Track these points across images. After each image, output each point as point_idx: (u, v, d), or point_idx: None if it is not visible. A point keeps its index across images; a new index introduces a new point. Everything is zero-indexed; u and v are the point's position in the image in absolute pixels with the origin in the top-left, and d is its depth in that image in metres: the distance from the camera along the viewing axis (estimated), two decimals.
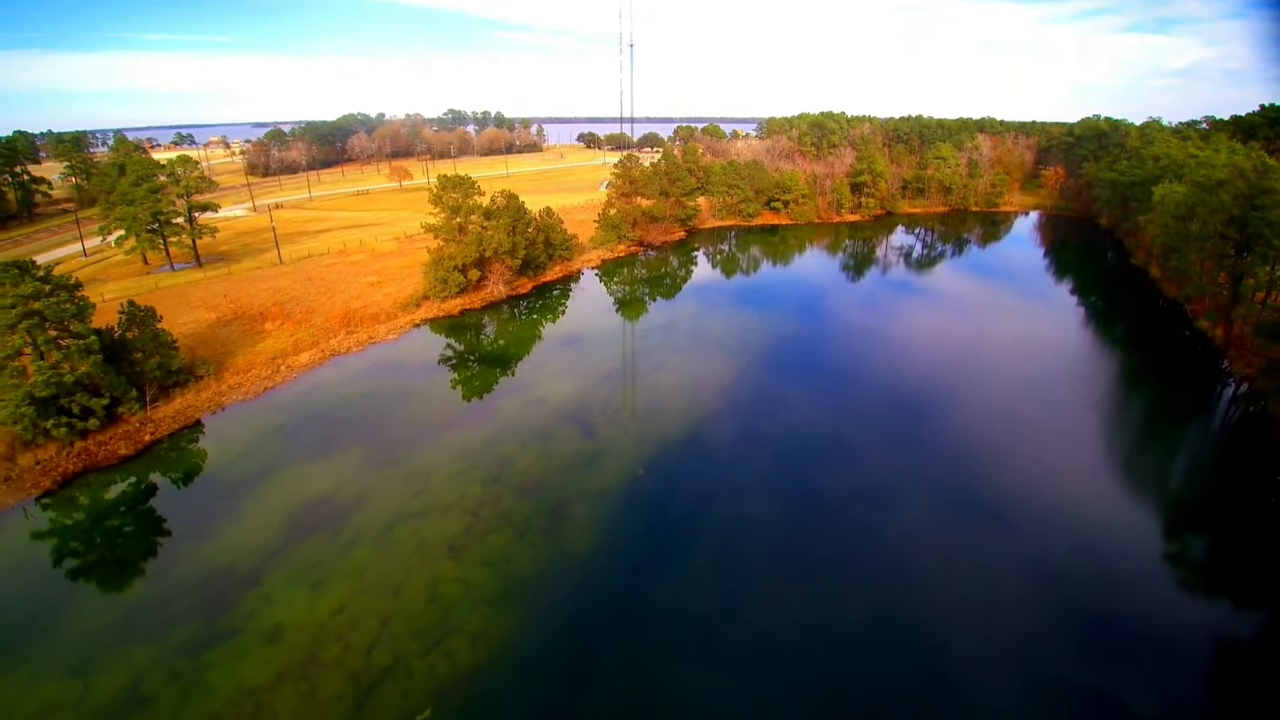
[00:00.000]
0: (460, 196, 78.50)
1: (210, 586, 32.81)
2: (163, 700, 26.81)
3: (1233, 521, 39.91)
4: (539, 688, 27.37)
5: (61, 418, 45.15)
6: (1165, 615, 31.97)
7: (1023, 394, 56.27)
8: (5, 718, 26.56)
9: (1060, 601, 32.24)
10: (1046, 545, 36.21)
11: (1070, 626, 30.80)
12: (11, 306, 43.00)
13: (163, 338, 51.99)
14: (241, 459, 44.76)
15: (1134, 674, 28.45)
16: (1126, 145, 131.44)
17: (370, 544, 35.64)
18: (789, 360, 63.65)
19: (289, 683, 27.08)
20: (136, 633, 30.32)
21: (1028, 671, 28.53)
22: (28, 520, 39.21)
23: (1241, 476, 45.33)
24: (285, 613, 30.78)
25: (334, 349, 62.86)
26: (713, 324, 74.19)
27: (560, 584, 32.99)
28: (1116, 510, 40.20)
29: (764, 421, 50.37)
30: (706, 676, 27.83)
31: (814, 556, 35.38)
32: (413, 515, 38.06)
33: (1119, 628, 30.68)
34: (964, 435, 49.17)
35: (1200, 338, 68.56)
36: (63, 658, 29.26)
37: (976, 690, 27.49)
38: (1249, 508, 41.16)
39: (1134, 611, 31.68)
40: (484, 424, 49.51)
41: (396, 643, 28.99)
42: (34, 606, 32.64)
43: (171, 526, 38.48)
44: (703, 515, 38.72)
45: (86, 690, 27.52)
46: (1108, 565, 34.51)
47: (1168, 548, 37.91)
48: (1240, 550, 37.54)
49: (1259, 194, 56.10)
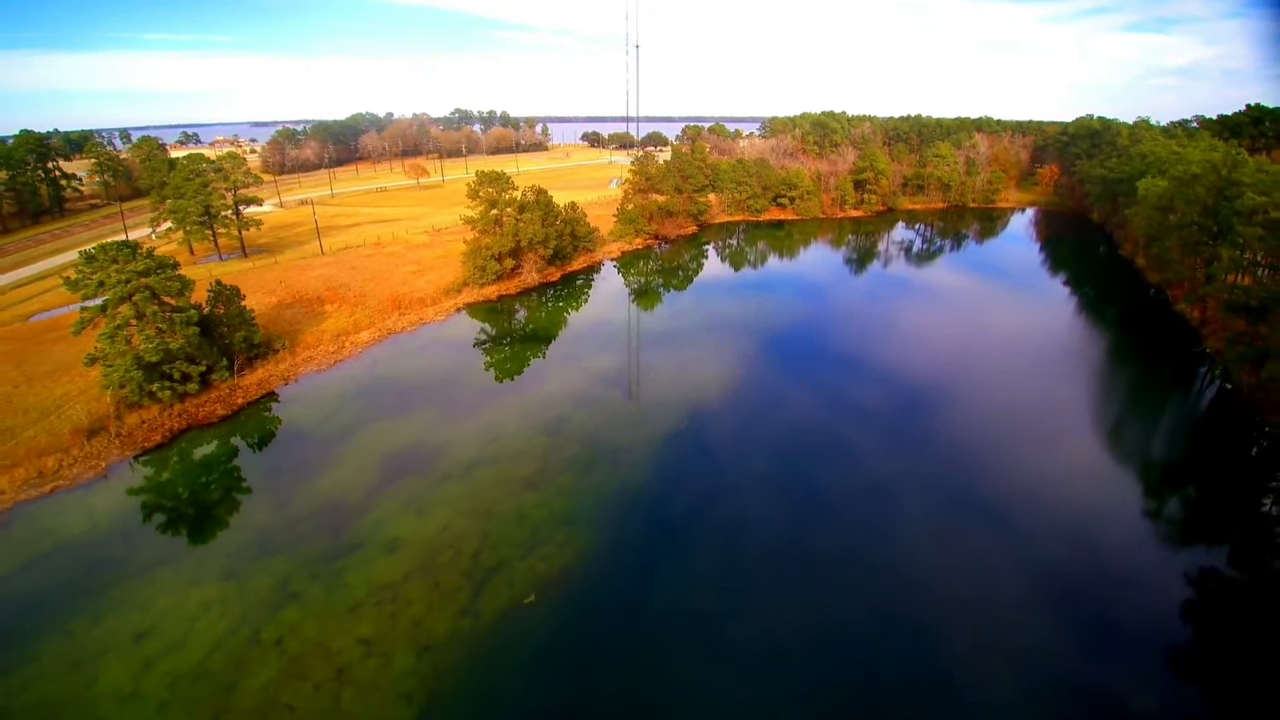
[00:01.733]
0: (496, 191, 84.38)
1: (328, 514, 38.73)
2: (310, 595, 32.70)
3: (1206, 484, 45.93)
4: (615, 584, 33.37)
5: (164, 382, 50.97)
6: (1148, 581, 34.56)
7: (1015, 370, 62.43)
8: (176, 611, 32.33)
9: (1041, 561, 37.52)
10: (1033, 510, 42.28)
11: (1052, 596, 33.21)
12: (126, 281, 48.84)
13: (245, 314, 57.87)
14: (329, 418, 50.67)
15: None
16: (1117, 144, 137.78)
17: (458, 481, 41.62)
18: (800, 337, 69.83)
19: (415, 578, 33.04)
20: (272, 548, 36.21)
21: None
22: (142, 470, 45.03)
23: (1211, 440, 51.49)
24: (399, 530, 36.74)
25: (390, 328, 68.77)
26: (728, 308, 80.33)
27: (624, 510, 39.02)
28: (1099, 476, 45.60)
29: (779, 379, 56.54)
30: (742, 579, 33.87)
31: (817, 477, 41.46)
32: (490, 460, 44.04)
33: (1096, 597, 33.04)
34: (958, 398, 55.29)
35: (1180, 320, 74.73)
36: (214, 566, 35.15)
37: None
38: (1220, 469, 47.28)
39: (1108, 572, 36.96)
40: (538, 390, 55.50)
41: (497, 550, 34.98)
42: (175, 532, 38.60)
43: (281, 471, 44.31)
44: (734, 454, 44.80)
45: (241, 590, 33.36)
46: (1081, 527, 40.02)
47: (1146, 505, 42.41)
48: (1213, 509, 43.65)
49: (1228, 186, 62.22)
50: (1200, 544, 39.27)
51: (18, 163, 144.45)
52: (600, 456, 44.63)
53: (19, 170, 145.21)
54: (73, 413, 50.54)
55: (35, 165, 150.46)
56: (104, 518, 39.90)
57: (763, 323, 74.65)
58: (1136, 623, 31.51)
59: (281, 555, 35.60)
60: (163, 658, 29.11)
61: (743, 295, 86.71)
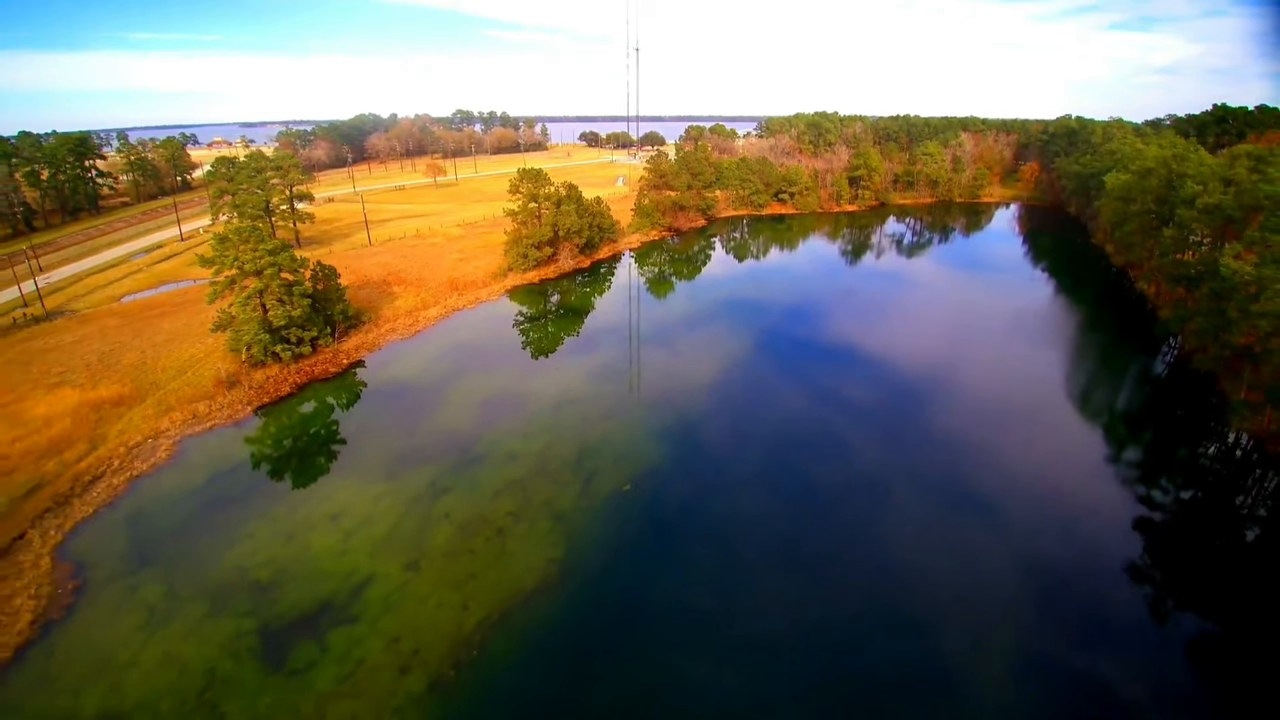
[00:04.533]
0: (534, 186, 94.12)
1: (451, 438, 48.54)
2: (458, 487, 42.50)
3: (1150, 429, 56.73)
4: (683, 480, 43.49)
5: (284, 345, 60.54)
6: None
7: (993, 335, 73.20)
8: (356, 501, 41.75)
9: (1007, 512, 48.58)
10: (1006, 467, 52.81)
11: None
12: (259, 258, 58.32)
13: (341, 290, 67.43)
14: (425, 374, 60.43)
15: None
16: (1092, 141, 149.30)
17: (549, 416, 51.62)
18: (806, 315, 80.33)
19: (535, 477, 43.02)
20: (416, 460, 45.93)
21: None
22: (283, 412, 54.57)
23: (1161, 394, 62.39)
24: (512, 448, 46.70)
25: (453, 306, 78.48)
26: (740, 288, 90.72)
27: (690, 428, 49.32)
28: (1067, 428, 56.00)
29: (782, 343, 66.97)
30: (767, 506, 44.20)
31: (820, 427, 51.84)
32: (570, 402, 54.07)
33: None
34: (943, 364, 65.92)
35: (1140, 295, 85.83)
36: (375, 472, 44.75)
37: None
38: (1161, 413, 58.07)
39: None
40: (595, 352, 65.58)
41: (594, 459, 45.07)
42: (330, 454, 48.29)
43: (401, 412, 53.88)
44: (753, 383, 55.22)
45: (402, 486, 43.03)
46: (1044, 474, 50.84)
47: (1109, 452, 52.24)
48: (1155, 452, 54.38)
49: (1176, 177, 73.03)
50: (1139, 482, 50.07)
51: (59, 161, 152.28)
52: (661, 397, 54.88)
53: (60, 168, 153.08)
54: (204, 371, 60.03)
55: (74, 164, 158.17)
56: (264, 445, 49.61)
57: (773, 296, 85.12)
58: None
59: (425, 465, 45.35)
60: (358, 530, 38.87)
61: (751, 279, 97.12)
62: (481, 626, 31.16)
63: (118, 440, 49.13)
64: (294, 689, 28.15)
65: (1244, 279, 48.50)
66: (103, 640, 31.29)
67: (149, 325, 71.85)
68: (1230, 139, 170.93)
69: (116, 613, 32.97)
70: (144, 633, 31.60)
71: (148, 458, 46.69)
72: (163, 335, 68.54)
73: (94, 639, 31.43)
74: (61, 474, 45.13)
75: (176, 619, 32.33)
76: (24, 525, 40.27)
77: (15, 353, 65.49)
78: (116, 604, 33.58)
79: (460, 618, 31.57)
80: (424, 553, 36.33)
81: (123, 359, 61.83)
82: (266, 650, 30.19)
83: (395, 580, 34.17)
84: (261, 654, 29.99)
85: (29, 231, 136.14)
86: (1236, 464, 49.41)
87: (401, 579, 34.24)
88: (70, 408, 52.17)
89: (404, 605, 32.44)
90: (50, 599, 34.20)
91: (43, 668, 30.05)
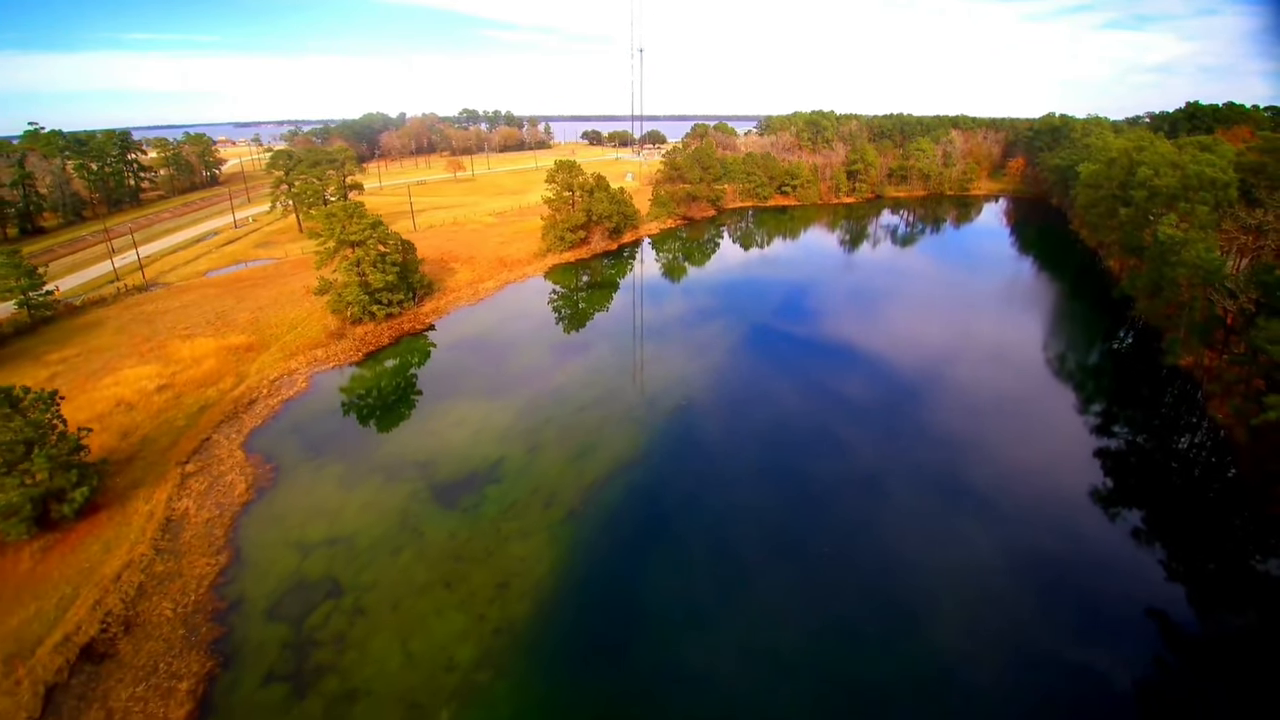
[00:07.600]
0: (569, 176, 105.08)
1: (534, 372, 59.57)
2: (552, 406, 53.22)
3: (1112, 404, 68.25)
4: (711, 416, 54.51)
5: (379, 305, 71.28)
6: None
7: (976, 303, 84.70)
8: (470, 414, 52.48)
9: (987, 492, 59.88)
10: (990, 438, 64.21)
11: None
12: (362, 230, 69.04)
13: (418, 262, 78.21)
14: (495, 331, 71.40)
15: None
16: (1073, 137, 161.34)
17: (613, 356, 62.94)
18: (809, 296, 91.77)
19: (605, 400, 54.02)
20: (511, 387, 56.77)
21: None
22: (386, 357, 65.29)
23: (1123, 362, 74.05)
24: (587, 380, 57.72)
25: (506, 279, 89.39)
26: (750, 268, 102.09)
27: (723, 369, 60.45)
28: (1041, 389, 67.91)
29: (783, 317, 78.33)
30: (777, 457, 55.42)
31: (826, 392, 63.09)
32: (624, 350, 65.18)
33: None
34: (933, 336, 77.34)
35: (1106, 270, 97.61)
36: (480, 394, 55.55)
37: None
38: (1117, 369, 69.64)
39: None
40: (632, 315, 76.61)
41: (660, 384, 56.13)
42: (435, 386, 59.11)
43: (484, 357, 64.70)
44: (761, 343, 66.48)
45: (507, 405, 53.77)
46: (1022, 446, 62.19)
47: (1074, 401, 65.10)
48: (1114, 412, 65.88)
49: (1134, 166, 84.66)
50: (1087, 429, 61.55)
51: (105, 155, 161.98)
52: (694, 346, 66.14)
53: (106, 162, 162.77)
54: (311, 327, 70.74)
55: (118, 158, 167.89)
56: (382, 378, 60.48)
57: (780, 275, 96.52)
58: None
59: (520, 389, 56.27)
60: (482, 430, 49.75)
61: (759, 262, 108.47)
62: (595, 484, 42.24)
63: (258, 375, 59.82)
64: (469, 519, 39.10)
65: (1176, 242, 60.04)
66: (309, 498, 42.08)
67: (248, 292, 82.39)
68: (1200, 134, 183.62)
69: (313, 482, 43.77)
70: (341, 492, 42.43)
71: (290, 386, 57.45)
72: (265, 300, 79.12)
73: (302, 497, 42.20)
74: (221, 399, 55.77)
75: (361, 485, 43.14)
76: (207, 432, 50.87)
77: (132, 315, 75.89)
78: (310, 477, 44.37)
79: (579, 478, 42.69)
80: (539, 443, 47.30)
81: (238, 317, 72.46)
82: (440, 499, 41.12)
83: (523, 459, 45.17)
84: (437, 501, 40.91)
85: (78, 221, 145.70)
86: (1184, 398, 60.91)
87: (528, 458, 45.26)
88: (211, 350, 62.84)
89: (535, 471, 43.50)
90: (255, 475, 44.88)
91: (269, 511, 40.76)
